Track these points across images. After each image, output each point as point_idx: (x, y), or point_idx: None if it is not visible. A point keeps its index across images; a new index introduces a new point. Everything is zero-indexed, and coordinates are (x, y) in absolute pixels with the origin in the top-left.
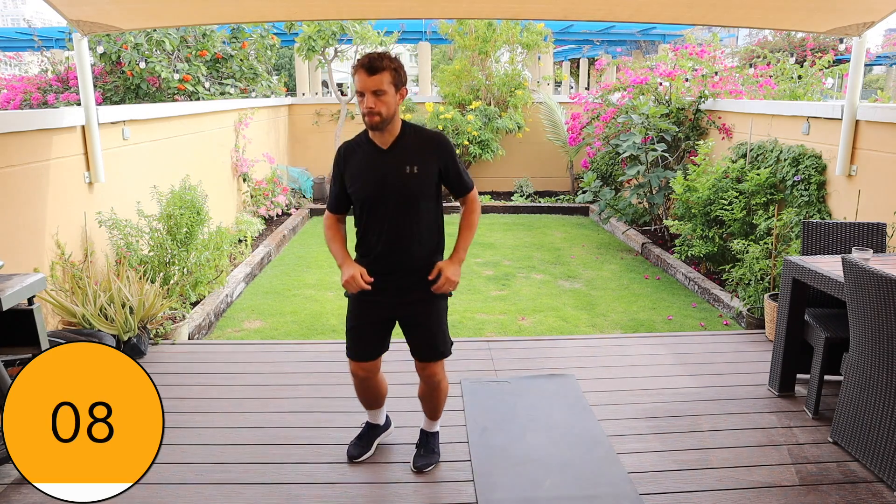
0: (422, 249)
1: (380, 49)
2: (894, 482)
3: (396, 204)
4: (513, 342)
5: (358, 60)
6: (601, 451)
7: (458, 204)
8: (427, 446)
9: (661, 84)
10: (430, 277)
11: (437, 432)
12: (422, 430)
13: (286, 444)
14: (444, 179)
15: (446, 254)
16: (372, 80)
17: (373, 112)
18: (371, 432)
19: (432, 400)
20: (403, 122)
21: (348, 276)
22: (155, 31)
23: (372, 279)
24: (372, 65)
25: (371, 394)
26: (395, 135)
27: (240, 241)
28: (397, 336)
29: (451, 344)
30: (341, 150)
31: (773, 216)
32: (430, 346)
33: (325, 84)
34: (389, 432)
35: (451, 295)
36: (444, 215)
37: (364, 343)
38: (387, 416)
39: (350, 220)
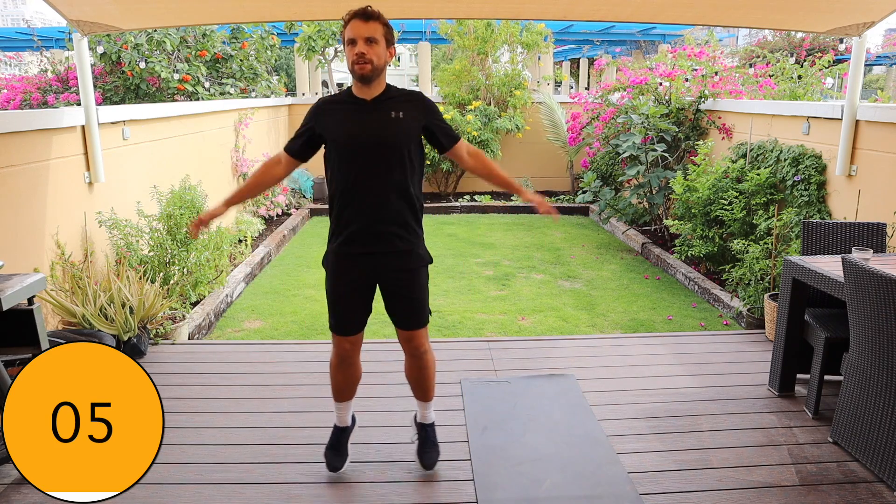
0: (398, 206)
1: None
2: (894, 482)
3: (377, 152)
4: (513, 342)
5: (350, 11)
6: (601, 451)
7: (456, 204)
8: (428, 440)
9: (660, 84)
10: (541, 212)
11: (434, 422)
12: (418, 424)
13: (286, 444)
14: (431, 136)
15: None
16: (367, 26)
17: (364, 59)
18: (342, 437)
19: (421, 375)
20: (388, 84)
21: (202, 214)
22: (155, 31)
23: (204, 220)
24: (367, 13)
25: (350, 377)
26: (380, 90)
27: (240, 241)
28: (391, 337)
29: (430, 312)
30: (320, 103)
31: (773, 216)
32: (414, 314)
33: (325, 84)
34: (356, 429)
35: (431, 261)
36: (438, 215)
37: (349, 313)
38: (352, 415)
39: (325, 223)
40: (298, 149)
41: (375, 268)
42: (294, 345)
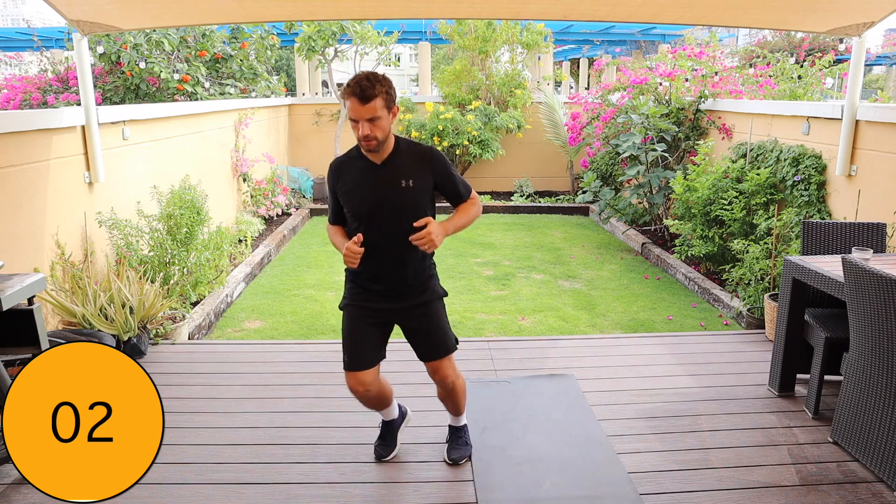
0: (416, 263)
1: (379, 48)
2: (894, 482)
3: (391, 218)
4: (513, 342)
5: (348, 86)
6: (601, 451)
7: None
8: (458, 439)
9: (660, 84)
10: (416, 224)
11: (465, 425)
12: (449, 427)
13: (286, 444)
14: (442, 191)
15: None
16: (366, 108)
17: (369, 138)
18: (390, 428)
19: (451, 400)
20: (396, 137)
21: (344, 250)
22: (154, 31)
23: (362, 239)
24: (364, 94)
25: (376, 401)
26: (388, 151)
27: (240, 241)
28: (394, 337)
29: (456, 340)
30: (333, 167)
31: (773, 216)
32: (434, 345)
33: (325, 84)
34: (409, 420)
35: (446, 294)
36: (438, 215)
37: (361, 351)
38: (399, 406)
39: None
40: (339, 219)
41: (390, 308)
42: (294, 345)
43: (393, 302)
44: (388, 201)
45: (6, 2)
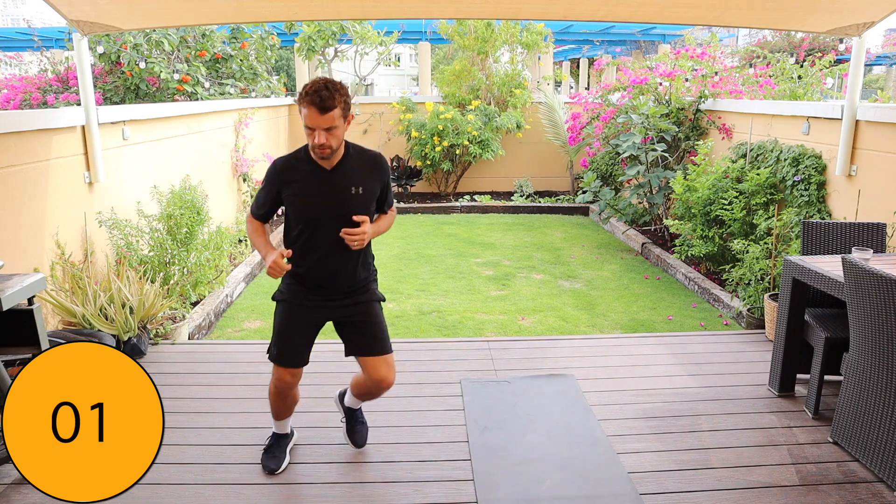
0: (357, 264)
1: (379, 48)
2: (894, 482)
3: (339, 224)
4: (513, 342)
5: (306, 93)
6: (601, 451)
7: (456, 204)
8: (357, 420)
9: (660, 84)
10: (356, 219)
11: (361, 407)
12: (347, 409)
13: None
14: (379, 198)
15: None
16: (324, 118)
17: (324, 147)
18: (281, 442)
19: (371, 399)
20: (346, 142)
21: (270, 262)
22: (154, 31)
23: (289, 255)
24: (324, 104)
25: (289, 402)
26: (339, 156)
27: (240, 241)
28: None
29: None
30: (279, 166)
31: (773, 216)
32: (377, 339)
33: None
34: (295, 440)
35: (384, 300)
36: (438, 215)
37: (296, 348)
38: (290, 427)
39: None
40: (265, 216)
41: (330, 305)
42: None
43: (333, 301)
44: (338, 207)
45: (6, 2)
